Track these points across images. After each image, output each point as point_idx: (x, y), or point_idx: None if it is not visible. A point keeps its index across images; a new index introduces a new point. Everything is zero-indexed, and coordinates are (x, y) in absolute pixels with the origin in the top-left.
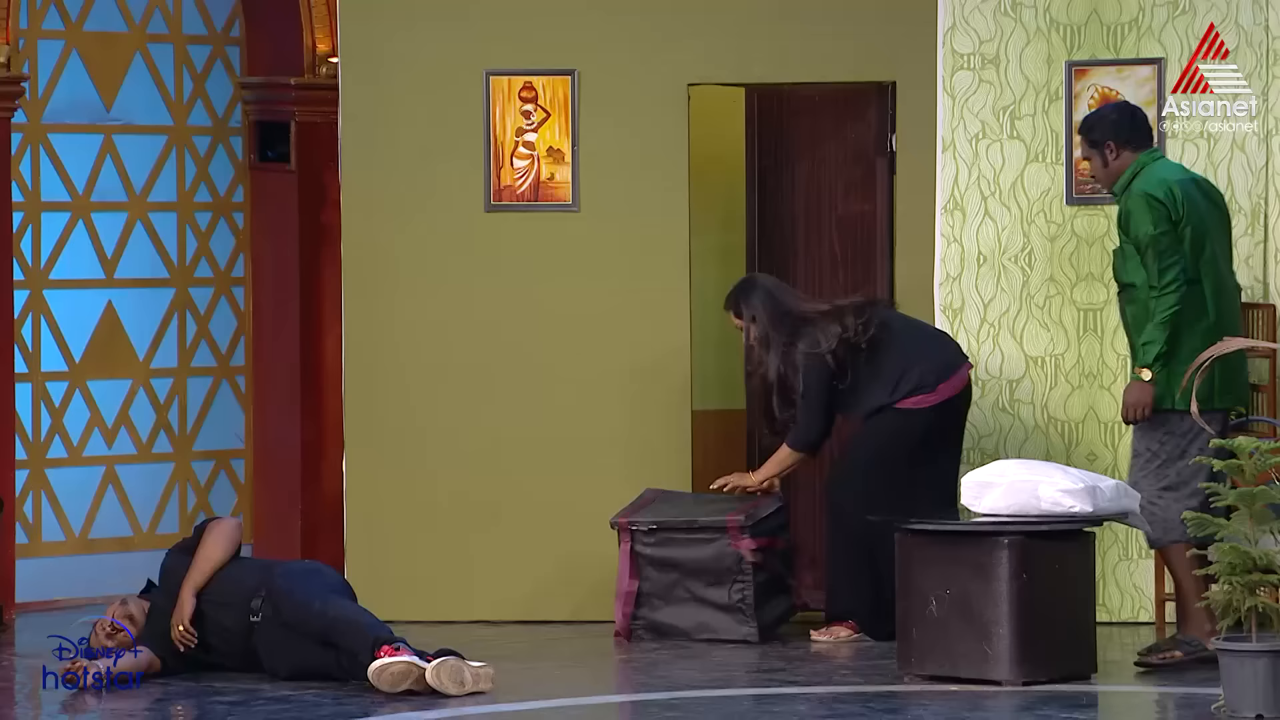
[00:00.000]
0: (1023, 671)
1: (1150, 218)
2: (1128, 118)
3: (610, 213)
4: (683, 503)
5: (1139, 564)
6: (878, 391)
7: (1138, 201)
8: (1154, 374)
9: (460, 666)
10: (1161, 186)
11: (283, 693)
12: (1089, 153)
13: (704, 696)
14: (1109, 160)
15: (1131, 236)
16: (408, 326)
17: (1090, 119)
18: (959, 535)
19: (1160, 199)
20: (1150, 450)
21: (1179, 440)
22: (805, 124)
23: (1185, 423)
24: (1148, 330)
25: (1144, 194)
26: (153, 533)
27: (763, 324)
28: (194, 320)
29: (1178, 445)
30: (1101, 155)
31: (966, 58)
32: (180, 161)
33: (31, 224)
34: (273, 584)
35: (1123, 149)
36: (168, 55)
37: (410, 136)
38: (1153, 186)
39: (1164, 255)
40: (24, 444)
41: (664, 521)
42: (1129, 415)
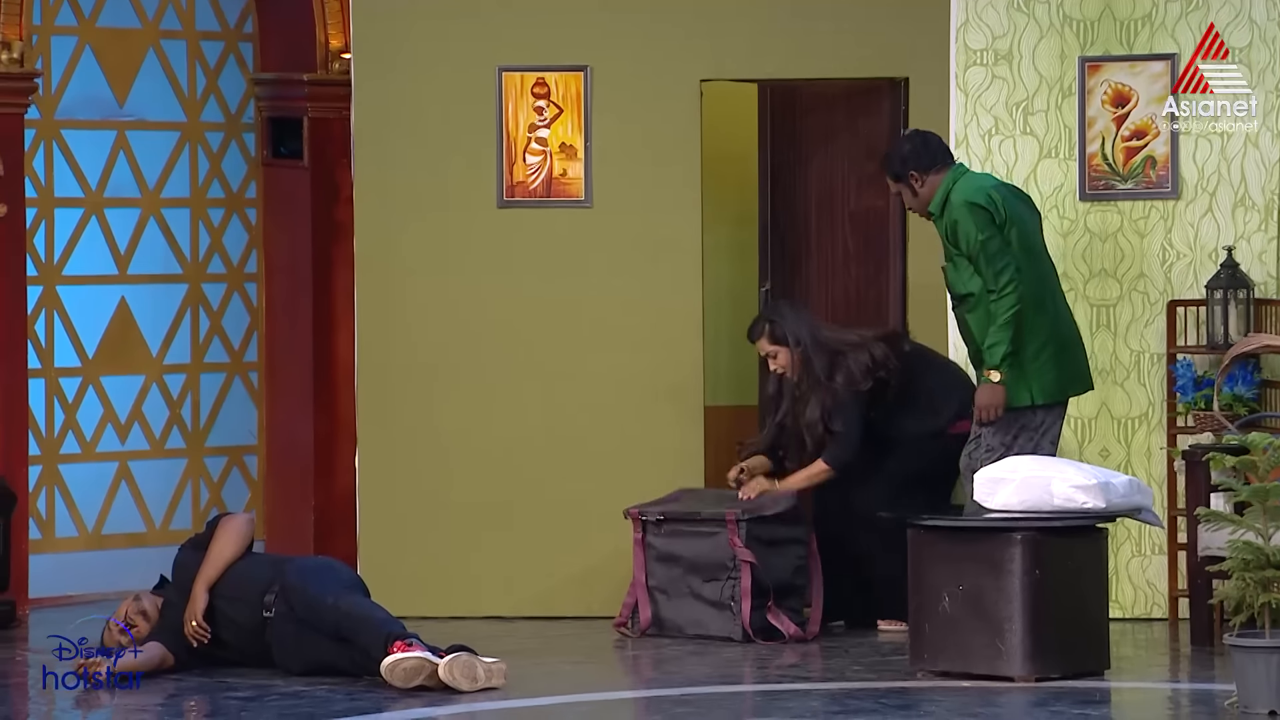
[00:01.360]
0: (1035, 667)
1: (976, 224)
2: (920, 145)
3: (623, 209)
4: (704, 498)
5: (1151, 560)
6: (923, 418)
7: (961, 211)
8: (1003, 374)
9: (473, 662)
10: (980, 194)
11: (296, 688)
12: (897, 188)
13: (716, 692)
14: (918, 190)
15: (962, 247)
16: (420, 322)
17: (888, 157)
18: (971, 531)
19: (983, 205)
20: (1004, 445)
21: (1031, 434)
22: (818, 120)
23: (1037, 418)
24: (992, 332)
25: (966, 203)
26: (165, 528)
27: (805, 354)
28: (207, 316)
29: (1030, 439)
30: (909, 186)
31: (979, 53)
32: (193, 157)
33: (45, 220)
34: (286, 579)
35: (926, 174)
36: (181, 51)
37: (423, 132)
38: (972, 195)
39: (996, 259)
40: (37, 440)
41: (671, 512)
42: (982, 417)
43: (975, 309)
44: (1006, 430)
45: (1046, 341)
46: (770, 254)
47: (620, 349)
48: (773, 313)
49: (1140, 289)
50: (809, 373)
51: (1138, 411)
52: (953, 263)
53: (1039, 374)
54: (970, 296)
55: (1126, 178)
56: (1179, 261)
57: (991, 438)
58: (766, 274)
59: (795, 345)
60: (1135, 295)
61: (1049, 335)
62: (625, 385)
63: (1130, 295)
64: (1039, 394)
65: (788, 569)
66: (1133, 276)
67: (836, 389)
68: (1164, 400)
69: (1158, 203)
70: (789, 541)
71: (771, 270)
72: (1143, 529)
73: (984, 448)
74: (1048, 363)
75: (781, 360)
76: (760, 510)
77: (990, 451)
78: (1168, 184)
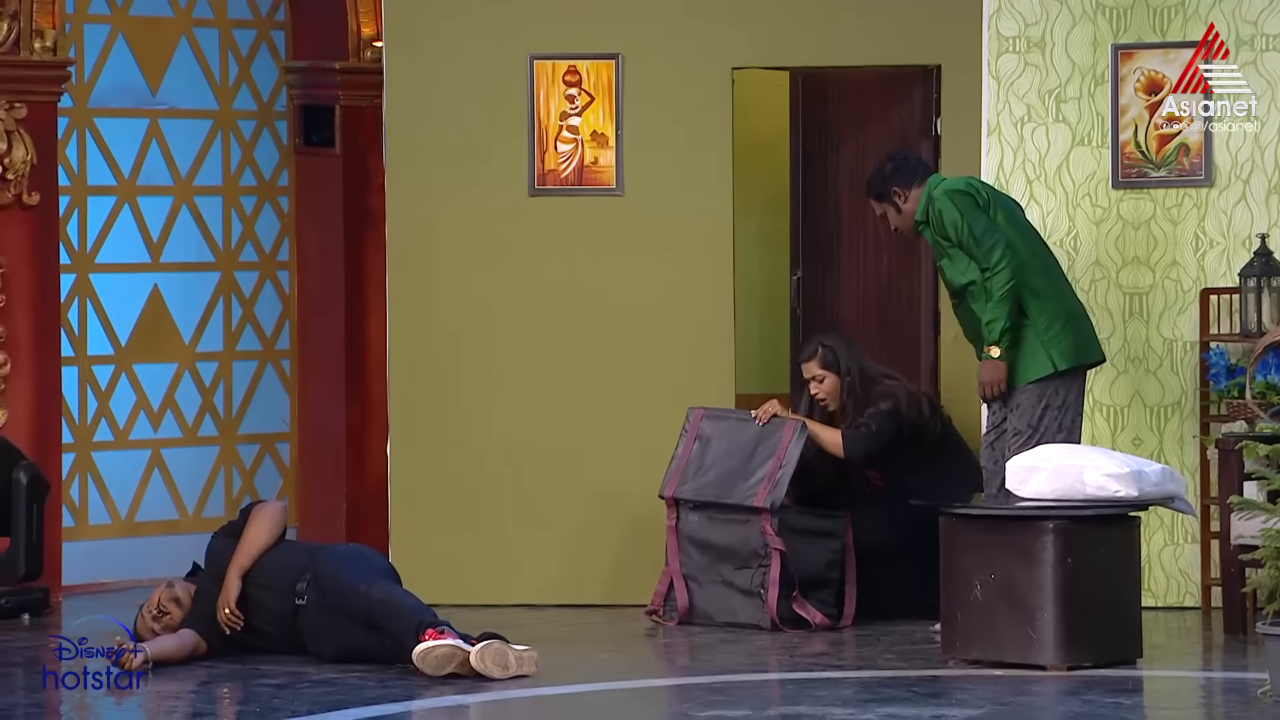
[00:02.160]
0: (1067, 656)
1: (958, 208)
2: (902, 163)
3: (654, 197)
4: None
5: (1184, 548)
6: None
7: (944, 201)
8: (1002, 349)
9: (504, 650)
10: (959, 182)
11: (328, 675)
12: (881, 208)
13: (747, 680)
14: (901, 206)
15: (951, 235)
16: (452, 310)
17: (871, 181)
18: (1004, 520)
19: (962, 189)
20: (1031, 426)
21: (1056, 412)
22: (850, 108)
23: (1059, 395)
24: (989, 309)
25: (946, 192)
26: (198, 516)
27: (851, 384)
28: (239, 304)
29: (1055, 417)
30: (893, 204)
31: (1012, 41)
32: (225, 146)
33: (78, 208)
34: (318, 567)
35: (908, 189)
36: (213, 40)
37: (455, 121)
38: (951, 184)
39: (985, 237)
40: (70, 427)
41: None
42: (984, 393)
43: (978, 297)
44: (1031, 412)
45: (1058, 311)
46: (802, 242)
47: (651, 336)
48: (827, 338)
49: (1173, 277)
50: (851, 400)
51: (1170, 400)
52: (948, 257)
53: (1056, 341)
54: (972, 285)
55: (1159, 165)
56: (1212, 249)
57: (1018, 421)
58: (798, 262)
59: (845, 374)
60: (1168, 283)
61: (1059, 305)
62: (656, 373)
63: (1163, 283)
64: (1060, 359)
65: (820, 561)
66: (1166, 264)
67: (879, 406)
68: (1197, 389)
69: (1191, 190)
70: (824, 534)
71: (803, 259)
72: (1175, 517)
73: (1011, 433)
74: (1061, 331)
75: (827, 386)
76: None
77: (1018, 435)
78: (1201, 171)
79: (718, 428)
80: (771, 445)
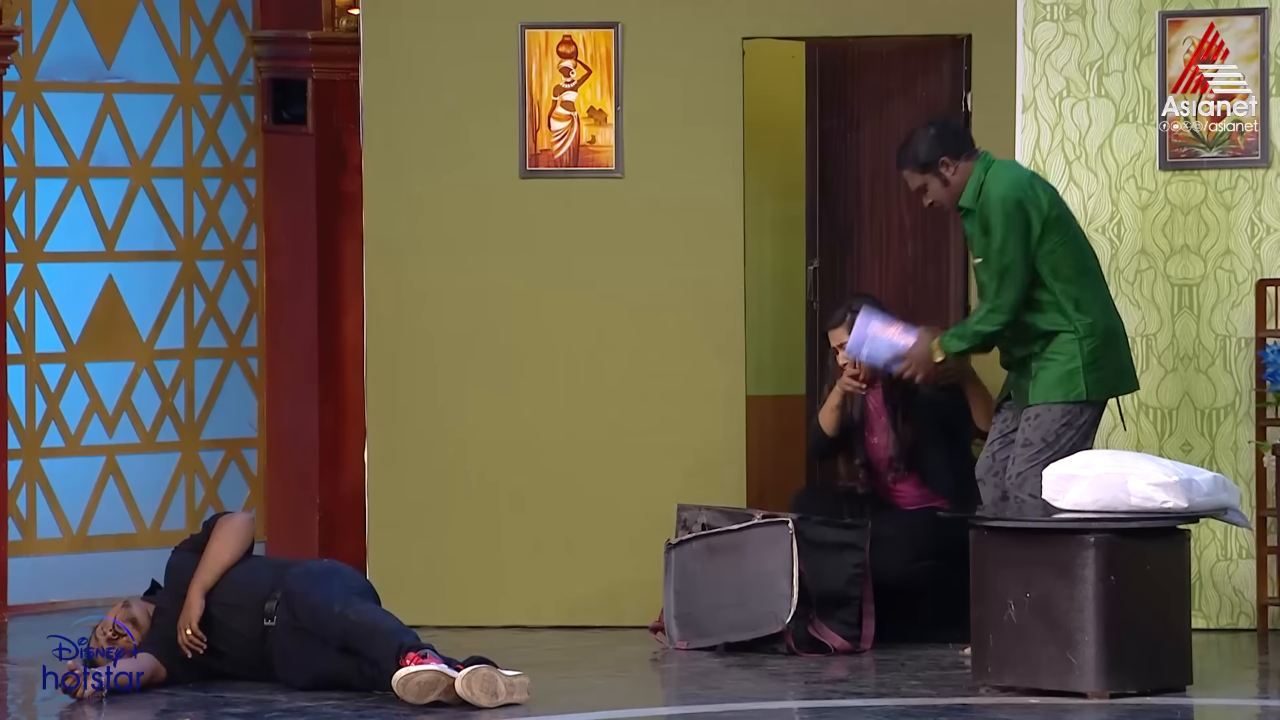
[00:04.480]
0: (1110, 682)
1: (1012, 226)
2: (947, 130)
3: (657, 179)
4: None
5: (1239, 565)
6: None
7: (997, 210)
8: (945, 360)
9: (493, 675)
10: (1019, 188)
11: (299, 704)
12: (924, 180)
13: (759, 709)
14: (949, 178)
15: (990, 243)
16: (435, 304)
17: (912, 148)
18: (1040, 533)
19: (1020, 200)
20: (1045, 440)
21: (1073, 432)
22: (871, 82)
23: (1084, 415)
24: (967, 329)
25: (1003, 199)
26: (157, 529)
27: None
28: (202, 297)
29: (1070, 438)
30: (940, 176)
31: (1050, 8)
32: (187, 123)
33: (25, 191)
34: (288, 585)
35: (958, 160)
36: (173, 7)
37: (438, 96)
38: (1010, 189)
39: (1012, 272)
40: (17, 432)
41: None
42: (905, 370)
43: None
44: (1049, 428)
45: (1099, 329)
46: (819, 228)
47: (653, 333)
48: (856, 304)
49: (1226, 267)
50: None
51: (1223, 402)
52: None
53: (1094, 368)
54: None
55: (1211, 145)
56: (1269, 236)
57: (1033, 433)
58: (815, 250)
59: None
60: (1221, 274)
61: (1103, 322)
62: (659, 373)
63: (1215, 274)
64: (1094, 388)
65: (841, 577)
66: (1218, 253)
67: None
68: (1252, 389)
69: (1246, 172)
70: (845, 546)
71: (820, 246)
72: (1229, 530)
73: (1021, 443)
74: (1102, 356)
75: None
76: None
77: (1028, 447)
78: (1257, 151)
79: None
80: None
